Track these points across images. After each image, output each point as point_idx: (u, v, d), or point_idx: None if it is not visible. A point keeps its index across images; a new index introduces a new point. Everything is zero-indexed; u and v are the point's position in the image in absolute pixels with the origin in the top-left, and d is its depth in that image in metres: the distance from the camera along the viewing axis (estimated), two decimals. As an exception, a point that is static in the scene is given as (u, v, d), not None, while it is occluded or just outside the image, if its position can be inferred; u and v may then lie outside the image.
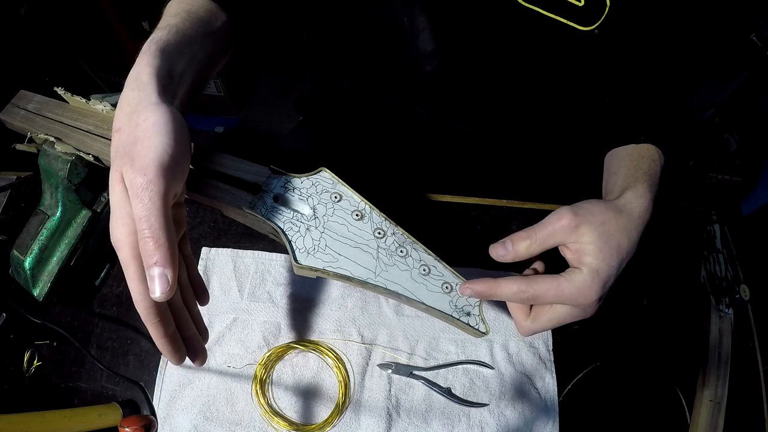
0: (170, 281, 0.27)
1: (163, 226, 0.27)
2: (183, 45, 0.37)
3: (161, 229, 0.27)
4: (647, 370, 0.50)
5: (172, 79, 0.35)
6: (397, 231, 0.37)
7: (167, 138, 0.29)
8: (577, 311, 0.35)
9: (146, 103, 0.31)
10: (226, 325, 0.49)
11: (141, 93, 0.31)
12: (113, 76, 1.54)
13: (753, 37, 1.04)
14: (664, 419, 0.49)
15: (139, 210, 0.27)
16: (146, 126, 0.29)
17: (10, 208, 0.56)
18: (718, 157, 1.23)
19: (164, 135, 0.29)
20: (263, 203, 0.37)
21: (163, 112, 0.30)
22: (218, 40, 0.43)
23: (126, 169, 0.28)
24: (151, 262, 0.27)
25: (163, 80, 0.33)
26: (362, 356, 0.48)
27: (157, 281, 0.27)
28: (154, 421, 0.41)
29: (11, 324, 0.49)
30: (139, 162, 0.28)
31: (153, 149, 0.29)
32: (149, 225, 0.27)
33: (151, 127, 0.29)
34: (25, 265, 0.45)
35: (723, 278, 0.54)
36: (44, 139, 0.44)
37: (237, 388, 0.47)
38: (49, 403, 0.46)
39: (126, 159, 0.28)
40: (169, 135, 0.30)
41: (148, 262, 0.27)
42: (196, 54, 0.38)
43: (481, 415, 0.47)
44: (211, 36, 0.42)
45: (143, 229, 0.27)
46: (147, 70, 0.32)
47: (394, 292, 0.36)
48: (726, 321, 0.52)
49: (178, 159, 0.30)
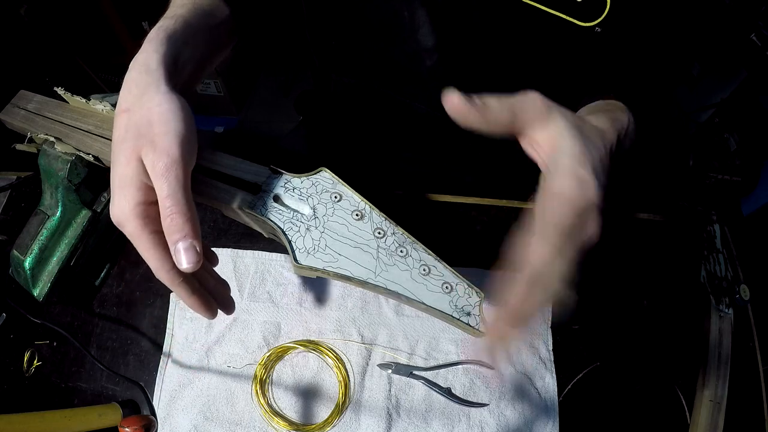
0: (199, 252, 0.29)
1: (189, 200, 0.29)
2: (188, 35, 0.37)
3: (187, 204, 0.29)
4: (647, 370, 0.50)
5: (176, 67, 0.35)
6: (397, 231, 0.37)
7: (182, 123, 0.31)
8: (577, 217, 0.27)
9: (157, 89, 0.32)
10: (226, 325, 0.49)
11: (150, 77, 0.32)
12: (113, 76, 1.54)
13: (753, 37, 1.04)
14: (664, 419, 0.49)
15: (165, 188, 0.28)
16: (161, 111, 0.30)
17: (10, 208, 0.56)
18: (718, 157, 1.23)
19: (180, 120, 0.31)
20: (263, 203, 0.37)
21: (175, 98, 0.32)
22: (221, 34, 0.44)
23: (147, 150, 0.29)
24: (180, 235, 0.28)
25: (170, 67, 0.34)
26: (362, 356, 0.48)
27: (187, 253, 0.29)
28: (154, 421, 0.41)
29: (11, 324, 0.49)
30: (161, 144, 0.29)
31: (173, 132, 0.30)
32: (176, 201, 0.28)
33: (166, 113, 0.30)
34: (25, 265, 0.45)
35: (723, 278, 0.54)
36: (44, 139, 0.44)
37: (237, 388, 0.47)
38: (49, 403, 0.46)
39: (145, 140, 0.30)
40: (184, 120, 0.31)
41: (177, 236, 0.29)
42: (199, 45, 0.39)
43: (481, 415, 0.47)
44: (215, 29, 0.42)
45: (170, 206, 0.28)
46: (155, 57, 0.33)
47: (394, 292, 0.36)
48: (726, 321, 0.52)
49: (193, 143, 0.31)
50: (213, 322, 0.49)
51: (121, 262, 0.53)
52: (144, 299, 0.51)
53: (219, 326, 0.49)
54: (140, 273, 0.53)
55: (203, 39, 0.40)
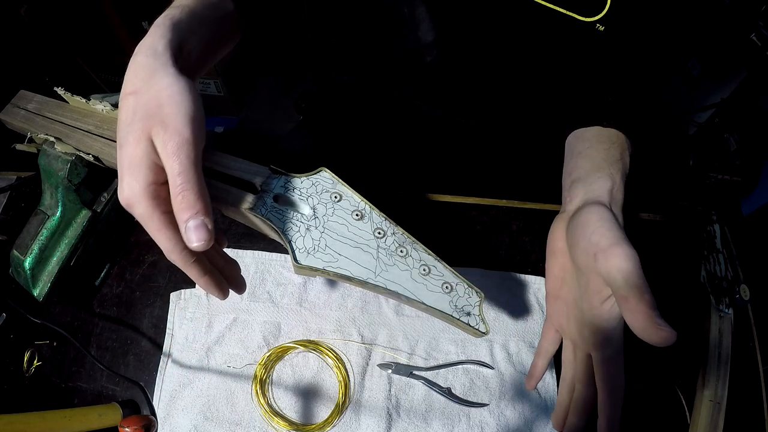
0: (210, 229, 0.29)
1: (200, 179, 0.30)
2: (194, 25, 0.38)
3: (199, 182, 0.29)
4: (647, 370, 0.50)
5: (182, 53, 0.36)
6: (397, 231, 0.37)
7: (192, 104, 0.31)
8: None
9: (165, 71, 0.32)
10: (226, 325, 0.49)
11: (157, 61, 0.32)
12: (113, 76, 1.54)
13: (753, 37, 1.04)
14: (664, 419, 0.49)
15: (176, 166, 0.29)
16: (171, 93, 0.31)
17: (10, 208, 0.56)
18: (718, 157, 1.23)
19: (190, 101, 0.31)
20: (263, 203, 0.37)
21: (183, 80, 0.32)
22: (225, 27, 0.44)
23: (158, 130, 0.29)
24: (191, 213, 0.29)
25: (176, 52, 0.34)
26: (362, 356, 0.48)
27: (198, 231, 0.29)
28: (154, 421, 0.41)
29: (11, 324, 0.49)
30: (173, 124, 0.29)
31: (183, 113, 0.30)
32: (188, 178, 0.29)
33: (176, 94, 0.31)
34: (25, 265, 0.45)
35: (723, 278, 0.54)
36: (44, 139, 0.44)
37: (237, 388, 0.47)
38: (49, 403, 0.46)
39: (154, 121, 0.30)
40: (193, 101, 0.31)
41: (188, 214, 0.29)
42: (204, 35, 0.39)
43: (481, 415, 0.47)
44: (219, 21, 0.43)
45: (181, 183, 0.29)
46: (162, 42, 0.33)
47: (394, 292, 0.36)
48: (726, 321, 0.52)
49: (202, 124, 0.31)
50: (213, 323, 0.49)
51: (121, 262, 0.53)
52: (144, 299, 0.51)
53: (219, 326, 0.49)
54: (140, 273, 0.53)
55: (208, 30, 0.40)
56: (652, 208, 0.59)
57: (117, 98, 0.46)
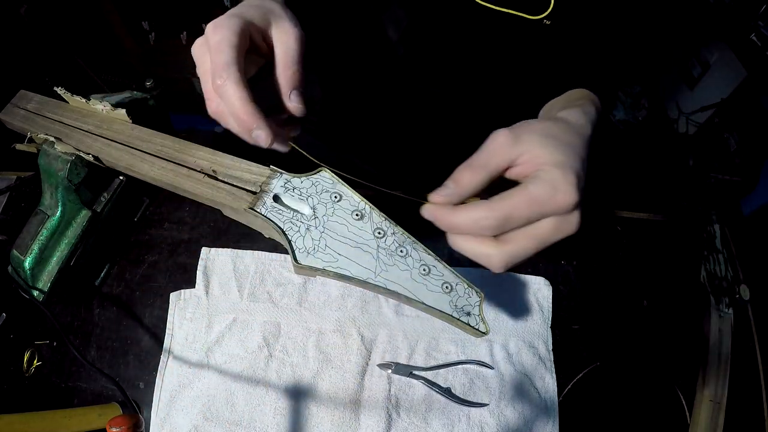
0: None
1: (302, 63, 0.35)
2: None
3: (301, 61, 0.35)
4: (647, 370, 0.50)
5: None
6: (397, 231, 0.37)
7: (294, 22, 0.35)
8: (558, 221, 0.29)
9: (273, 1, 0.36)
10: (226, 326, 0.49)
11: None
12: (113, 76, 1.54)
13: (753, 37, 1.04)
14: (664, 419, 0.49)
15: (292, 44, 0.34)
16: (281, 7, 0.35)
17: (10, 208, 0.56)
18: (718, 157, 1.23)
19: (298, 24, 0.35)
20: (263, 203, 0.37)
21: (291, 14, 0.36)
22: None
23: (273, 17, 0.34)
24: (299, 87, 0.35)
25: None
26: (362, 356, 0.48)
27: (300, 99, 0.35)
28: (141, 419, 0.41)
29: (11, 324, 0.49)
30: (285, 20, 0.35)
31: (295, 20, 0.35)
32: (299, 60, 0.34)
33: (288, 12, 0.35)
34: (25, 265, 0.45)
35: (723, 278, 0.54)
36: (44, 139, 0.44)
37: (237, 388, 0.47)
38: (49, 403, 0.46)
39: (274, 13, 0.35)
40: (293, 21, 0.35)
41: (292, 88, 0.35)
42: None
43: (481, 415, 0.47)
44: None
45: (294, 62, 0.34)
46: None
47: (394, 292, 0.35)
48: (726, 321, 0.52)
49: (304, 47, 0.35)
50: (213, 323, 0.49)
51: (121, 262, 0.53)
52: (144, 299, 0.51)
53: (219, 326, 0.49)
54: (140, 273, 0.53)
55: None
56: (652, 208, 0.59)
57: (117, 98, 0.46)
